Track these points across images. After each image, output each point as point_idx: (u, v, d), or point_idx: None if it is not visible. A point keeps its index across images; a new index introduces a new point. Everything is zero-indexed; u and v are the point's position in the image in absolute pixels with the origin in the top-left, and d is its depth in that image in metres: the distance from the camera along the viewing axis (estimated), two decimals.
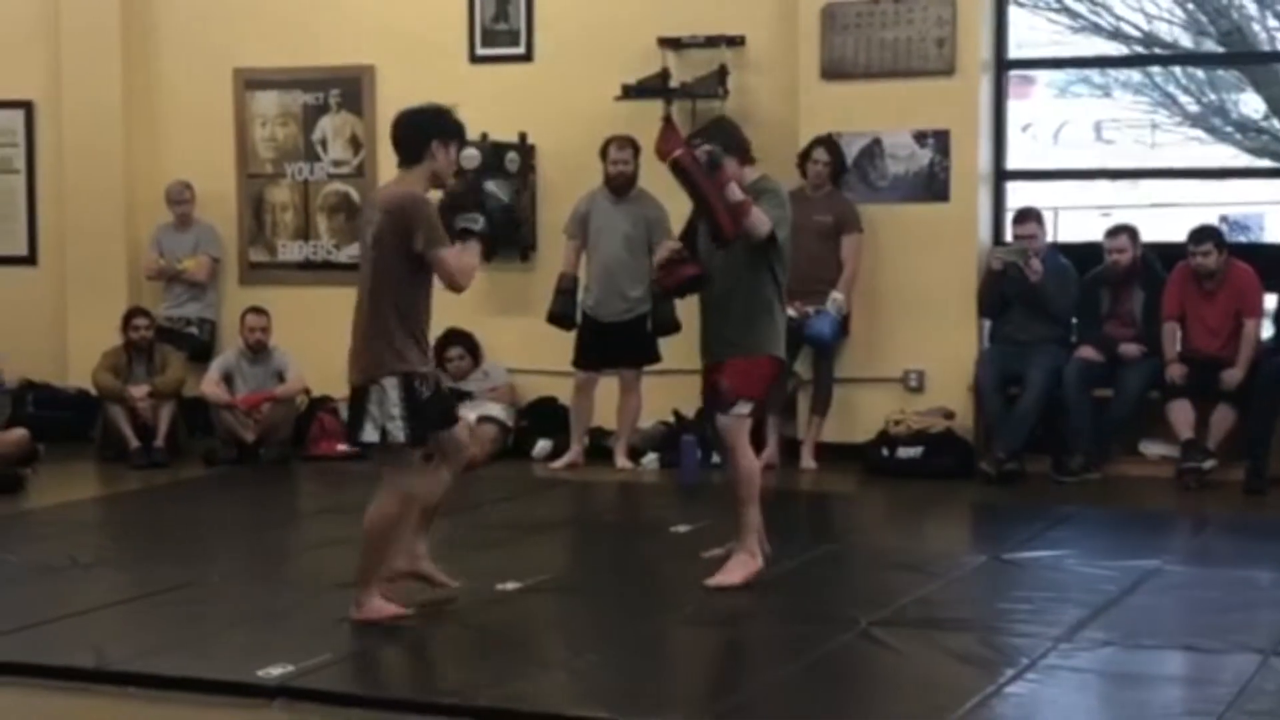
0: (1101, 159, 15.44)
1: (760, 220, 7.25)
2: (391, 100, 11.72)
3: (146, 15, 12.28)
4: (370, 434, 6.79)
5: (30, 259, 12.63)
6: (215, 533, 9.18)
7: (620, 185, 10.62)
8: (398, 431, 6.77)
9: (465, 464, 7.20)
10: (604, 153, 10.69)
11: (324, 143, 12.09)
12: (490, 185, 6.93)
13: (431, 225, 6.75)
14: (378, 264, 6.91)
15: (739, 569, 7.42)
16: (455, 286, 6.88)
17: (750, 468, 7.48)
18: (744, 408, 7.41)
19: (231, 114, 12.21)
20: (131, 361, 11.35)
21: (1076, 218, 14.11)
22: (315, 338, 11.69)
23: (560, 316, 10.68)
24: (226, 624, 6.96)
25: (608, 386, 10.79)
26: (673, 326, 10.35)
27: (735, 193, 7.25)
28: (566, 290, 10.69)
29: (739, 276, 7.39)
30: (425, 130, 6.89)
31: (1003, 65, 11.01)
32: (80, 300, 12.23)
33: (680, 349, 10.16)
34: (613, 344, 10.63)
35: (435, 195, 7.01)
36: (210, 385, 11.25)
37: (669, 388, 10.63)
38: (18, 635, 6.70)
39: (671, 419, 10.89)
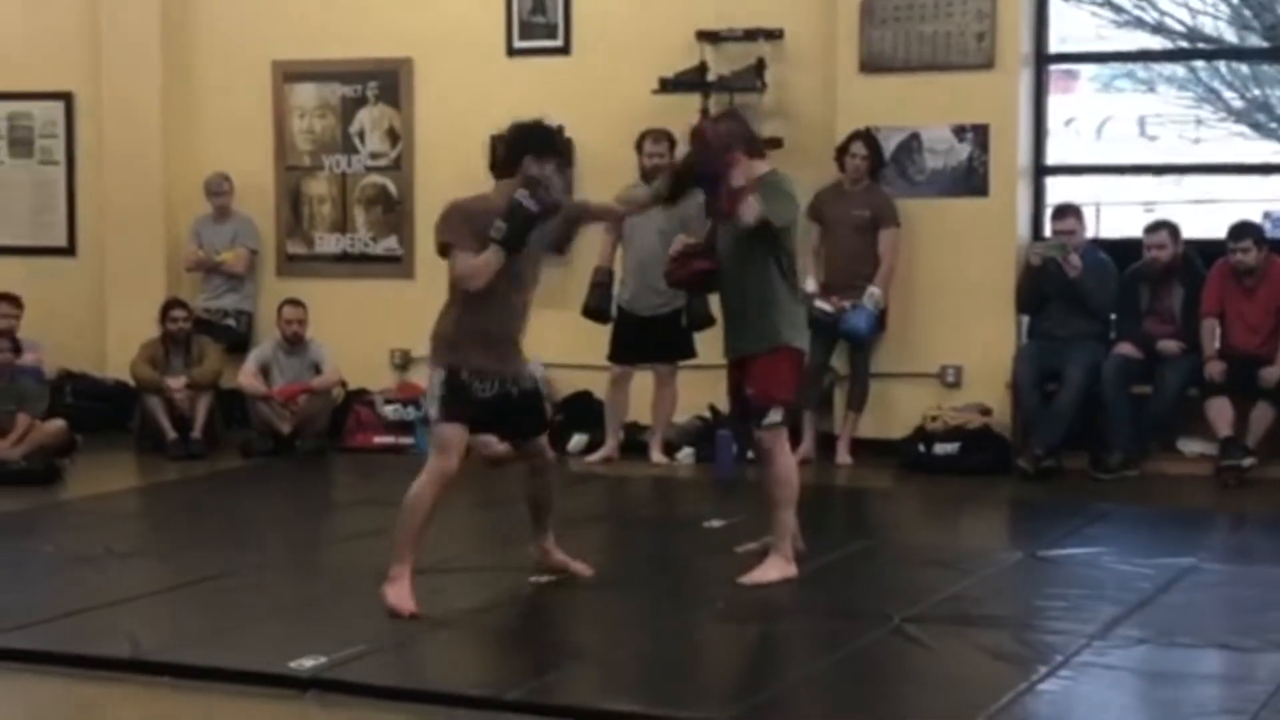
0: (1145, 154, 15.33)
1: (748, 208, 7.19)
2: (429, 93, 11.84)
3: (186, 7, 12.32)
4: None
5: (69, 250, 12.69)
6: (251, 524, 9.20)
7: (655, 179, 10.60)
8: (431, 410, 7.06)
9: (496, 461, 7.31)
10: (639, 146, 10.68)
11: (362, 135, 12.10)
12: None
13: (446, 229, 6.97)
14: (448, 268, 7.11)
15: (774, 569, 7.41)
16: (464, 286, 7.00)
17: (787, 471, 7.48)
18: (776, 415, 7.41)
19: (270, 106, 12.23)
20: (169, 353, 11.39)
21: (1119, 213, 14.02)
22: (352, 330, 11.77)
23: (596, 310, 10.66)
24: (261, 615, 6.99)
25: (643, 381, 10.78)
26: (707, 321, 10.31)
27: (737, 179, 7.25)
28: (602, 284, 10.67)
29: (745, 271, 7.37)
30: (519, 146, 7.03)
31: (1043, 59, 10.95)
32: (119, 292, 12.27)
33: (715, 344, 9.99)
34: (648, 338, 10.62)
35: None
36: (247, 377, 11.28)
37: (704, 382, 10.59)
38: (54, 625, 6.74)
39: (707, 413, 10.87)
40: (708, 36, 11.00)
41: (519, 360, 7.17)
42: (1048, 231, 10.72)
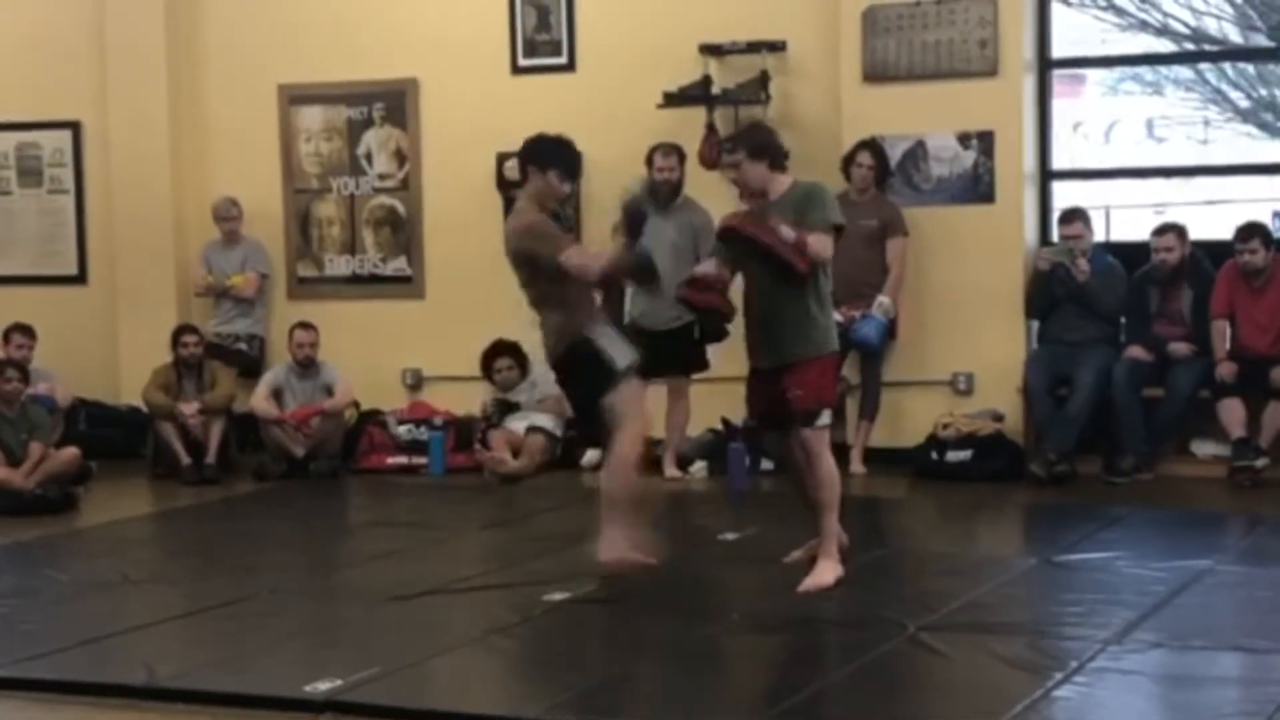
0: (1154, 156, 15.32)
1: (823, 245, 7.39)
2: (435, 113, 11.87)
3: (191, 34, 12.36)
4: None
5: (80, 278, 12.72)
6: (266, 547, 9.20)
7: (666, 193, 10.61)
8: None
9: (509, 477, 7.37)
10: (649, 160, 10.69)
11: (369, 156, 12.13)
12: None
13: (546, 239, 7.64)
14: None
15: (828, 572, 7.45)
16: (586, 276, 7.61)
17: (832, 472, 7.56)
18: (826, 418, 7.52)
19: (276, 130, 12.27)
20: (181, 378, 11.42)
21: (1130, 216, 14.01)
22: (363, 351, 11.80)
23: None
24: (277, 639, 7.00)
25: (656, 395, 10.76)
26: (721, 333, 10.32)
27: (787, 232, 7.33)
28: (615, 299, 10.65)
29: (788, 279, 7.41)
30: (524, 158, 7.78)
31: (1046, 65, 10.96)
32: (130, 318, 12.31)
33: (728, 356, 10.13)
34: (661, 352, 10.59)
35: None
36: (260, 401, 11.31)
37: (717, 395, 10.61)
38: (71, 653, 6.74)
39: (720, 426, 10.87)
40: (711, 50, 11.02)
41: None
42: (1055, 236, 10.72)
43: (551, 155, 7.72)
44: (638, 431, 7.57)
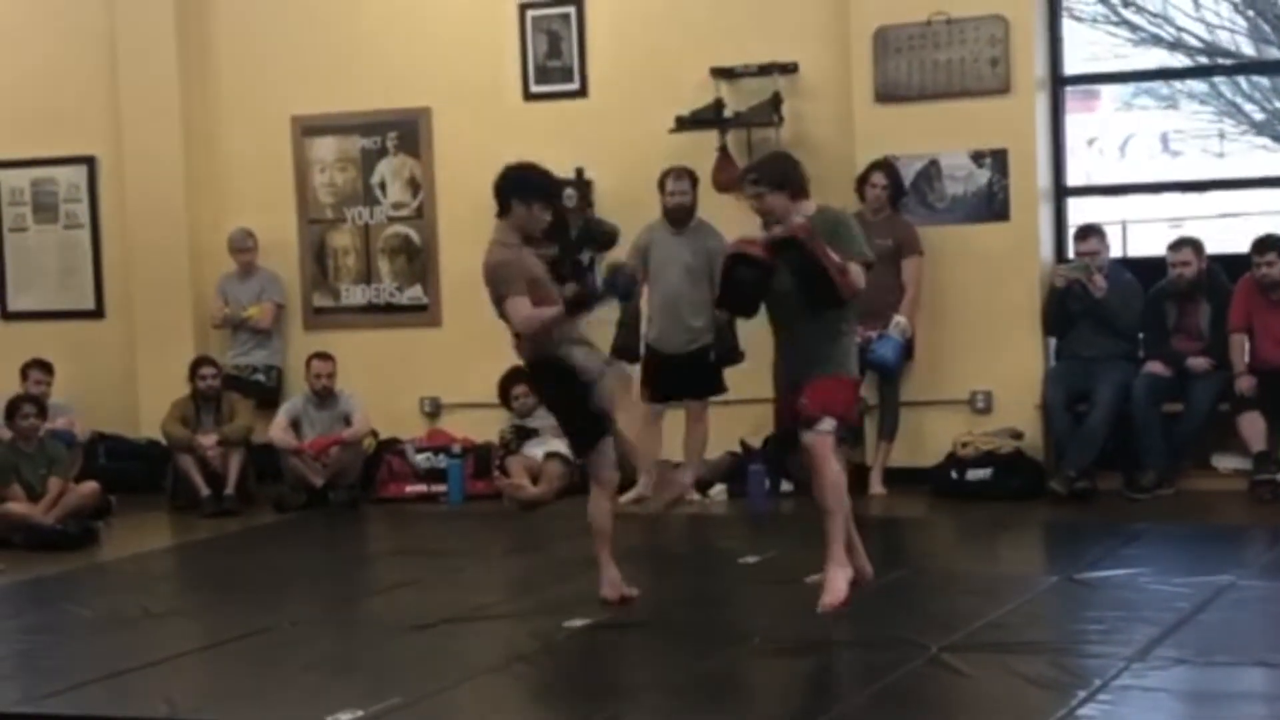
0: (1169, 171, 15.32)
1: (860, 277, 7.35)
2: (448, 141, 11.89)
3: (204, 67, 12.40)
4: None
5: (98, 312, 12.75)
6: (287, 578, 9.21)
7: (679, 216, 10.61)
8: None
9: (529, 504, 7.36)
10: (661, 184, 10.69)
11: (383, 186, 12.15)
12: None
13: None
14: None
15: (839, 579, 7.36)
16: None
17: (836, 477, 7.46)
18: (828, 424, 7.38)
19: (290, 161, 12.30)
20: (200, 410, 11.43)
21: (1146, 231, 14.00)
22: (381, 380, 11.81)
23: (623, 350, 10.65)
24: (298, 670, 6.98)
25: (674, 418, 10.76)
26: (736, 356, 10.33)
27: (835, 256, 7.28)
28: (629, 324, 10.67)
29: (811, 302, 7.36)
30: (504, 190, 7.76)
31: (1059, 81, 10.95)
32: (148, 351, 12.33)
33: (746, 379, 10.15)
34: (677, 375, 10.61)
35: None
36: (278, 431, 11.31)
37: (735, 418, 10.61)
38: (92, 687, 6.74)
39: (739, 449, 10.85)
40: (723, 73, 11.03)
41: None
42: (1071, 253, 10.70)
43: (534, 187, 7.79)
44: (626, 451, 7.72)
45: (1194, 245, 10.38)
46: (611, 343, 10.65)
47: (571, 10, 11.57)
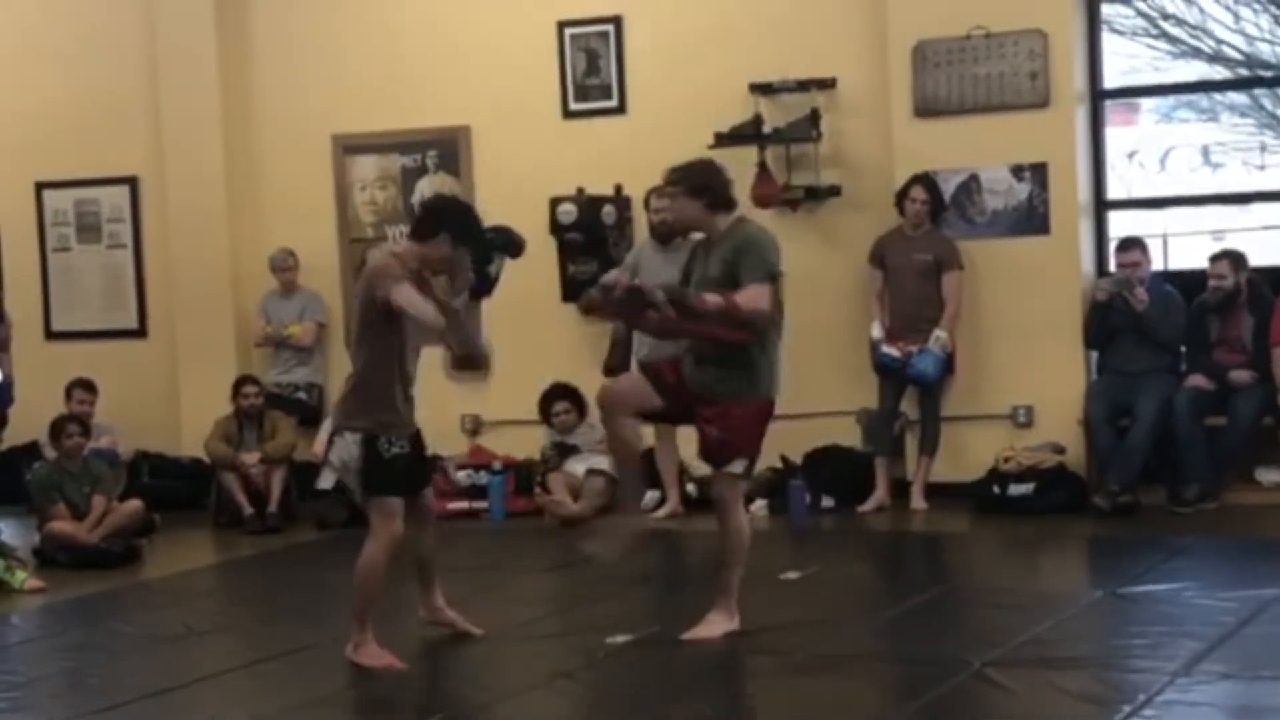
0: (1210, 183, 15.26)
1: (755, 297, 7.05)
2: (488, 159, 11.92)
3: (245, 87, 12.46)
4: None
5: (141, 332, 12.82)
6: (329, 596, 9.18)
7: (663, 234, 10.52)
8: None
9: (574, 518, 7.31)
10: (646, 203, 10.67)
11: None
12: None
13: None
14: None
15: (717, 626, 7.32)
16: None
17: (741, 528, 7.36)
18: (738, 466, 7.26)
19: (331, 180, 12.33)
20: (243, 429, 11.48)
21: (1188, 244, 13.96)
22: (422, 397, 11.72)
23: (616, 368, 10.54)
24: (342, 687, 7.02)
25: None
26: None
27: (709, 302, 7.04)
28: (621, 341, 10.58)
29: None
30: (442, 222, 7.39)
31: (1099, 95, 10.92)
32: (191, 370, 12.39)
33: (786, 394, 10.11)
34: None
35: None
36: (321, 449, 11.32)
37: (776, 434, 10.48)
38: (137, 705, 6.78)
39: (779, 464, 10.84)
40: (761, 89, 11.03)
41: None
42: (1112, 266, 10.67)
43: (474, 237, 7.38)
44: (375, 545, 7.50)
45: (1232, 258, 10.34)
46: (604, 361, 10.60)
47: (610, 28, 11.60)
